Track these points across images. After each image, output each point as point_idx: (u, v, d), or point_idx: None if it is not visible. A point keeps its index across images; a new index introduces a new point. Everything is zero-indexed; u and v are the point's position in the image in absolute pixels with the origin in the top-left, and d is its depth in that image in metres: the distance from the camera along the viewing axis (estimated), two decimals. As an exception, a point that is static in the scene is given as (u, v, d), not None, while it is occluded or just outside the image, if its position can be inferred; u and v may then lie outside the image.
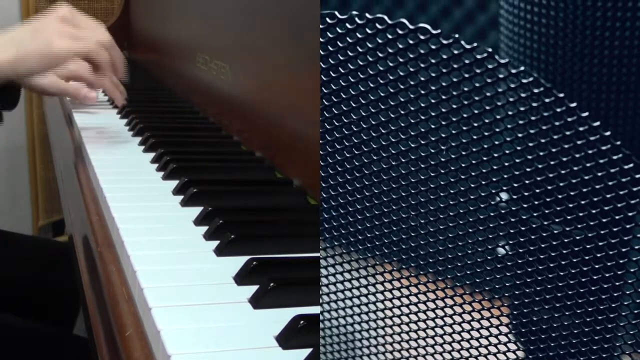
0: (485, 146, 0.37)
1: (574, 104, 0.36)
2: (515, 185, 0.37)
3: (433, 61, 0.36)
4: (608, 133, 0.35)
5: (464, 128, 0.37)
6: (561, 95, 0.35)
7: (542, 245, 0.38)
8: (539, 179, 0.37)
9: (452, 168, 0.37)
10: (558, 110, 0.35)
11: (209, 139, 1.10)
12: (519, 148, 0.37)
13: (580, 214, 0.37)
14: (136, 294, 0.56)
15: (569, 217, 0.37)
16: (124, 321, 0.54)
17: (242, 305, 0.53)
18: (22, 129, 2.06)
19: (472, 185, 0.37)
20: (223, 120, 1.14)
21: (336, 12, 0.37)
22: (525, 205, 0.38)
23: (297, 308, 0.51)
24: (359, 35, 0.37)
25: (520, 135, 0.36)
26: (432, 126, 0.37)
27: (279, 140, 0.91)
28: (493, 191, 0.38)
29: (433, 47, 0.36)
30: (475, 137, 0.37)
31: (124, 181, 0.83)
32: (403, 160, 0.38)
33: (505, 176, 0.37)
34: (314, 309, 0.51)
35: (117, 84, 1.15)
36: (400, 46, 0.36)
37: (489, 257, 0.39)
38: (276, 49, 0.92)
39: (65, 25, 0.91)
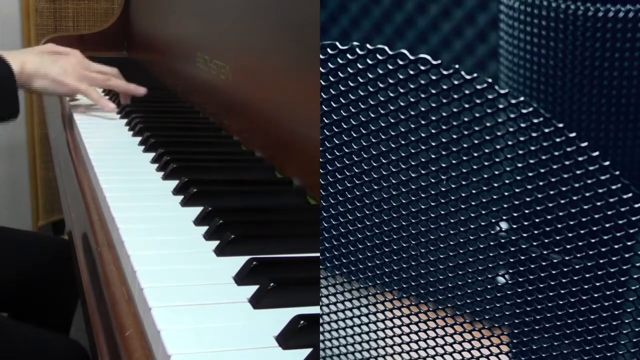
0: (485, 176, 0.37)
1: (573, 134, 0.36)
2: (515, 214, 0.38)
3: (433, 91, 0.36)
4: (607, 163, 0.36)
5: (464, 158, 0.37)
6: (561, 125, 0.36)
7: (542, 274, 0.38)
8: (538, 208, 0.37)
9: (453, 197, 0.38)
10: (557, 140, 0.36)
11: (209, 139, 1.10)
12: (518, 178, 0.37)
13: (580, 243, 0.37)
14: (136, 294, 0.56)
15: (568, 247, 0.37)
16: (124, 321, 0.54)
17: (242, 305, 0.53)
18: (22, 129, 2.06)
19: (472, 215, 0.38)
20: (223, 120, 1.14)
21: (337, 43, 0.37)
22: (524, 235, 0.38)
23: (297, 308, 0.51)
24: (360, 66, 0.37)
25: (519, 165, 0.36)
26: (433, 156, 0.37)
27: (279, 140, 0.91)
28: (493, 220, 0.38)
29: (433, 77, 0.36)
30: (475, 166, 0.37)
31: (124, 181, 0.83)
32: (403, 190, 0.38)
33: (505, 205, 0.37)
34: (314, 309, 0.51)
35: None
36: (401, 77, 0.36)
37: (488, 286, 0.39)
38: (276, 49, 0.92)
39: (79, 66, 1.16)
